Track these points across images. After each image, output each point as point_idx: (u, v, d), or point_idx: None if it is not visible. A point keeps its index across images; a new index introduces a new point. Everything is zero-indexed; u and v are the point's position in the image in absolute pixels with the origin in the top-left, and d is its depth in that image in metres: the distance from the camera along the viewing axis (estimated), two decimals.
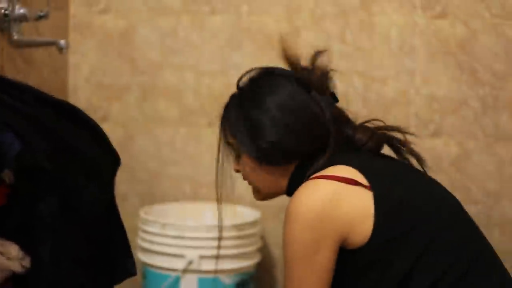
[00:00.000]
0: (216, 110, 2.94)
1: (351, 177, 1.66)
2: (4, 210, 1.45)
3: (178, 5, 3.02)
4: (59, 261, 1.44)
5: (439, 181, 1.79)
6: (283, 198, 1.84)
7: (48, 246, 1.43)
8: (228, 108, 1.84)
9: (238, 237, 2.65)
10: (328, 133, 1.73)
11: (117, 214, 1.59)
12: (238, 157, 1.82)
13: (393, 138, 1.80)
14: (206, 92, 3.00)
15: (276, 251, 2.99)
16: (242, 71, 2.93)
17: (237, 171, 1.85)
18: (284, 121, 1.72)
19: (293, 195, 1.68)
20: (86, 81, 3.10)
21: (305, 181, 1.69)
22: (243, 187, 2.94)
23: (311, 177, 1.69)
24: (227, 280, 2.64)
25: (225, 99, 2.95)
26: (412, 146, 1.80)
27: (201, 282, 2.62)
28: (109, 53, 3.08)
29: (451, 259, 1.65)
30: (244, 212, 2.84)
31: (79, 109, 1.55)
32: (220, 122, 1.85)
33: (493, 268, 1.72)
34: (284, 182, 1.77)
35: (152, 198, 3.07)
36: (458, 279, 1.64)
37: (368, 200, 1.64)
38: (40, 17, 2.39)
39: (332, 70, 1.84)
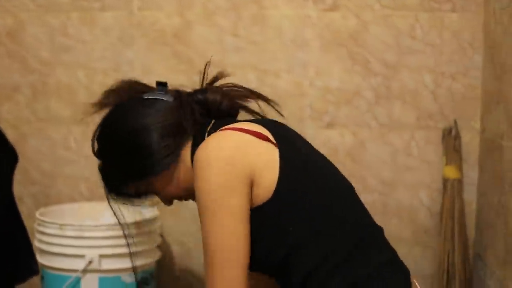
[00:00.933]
0: None
1: (259, 131, 1.66)
2: None
3: (67, 1, 2.96)
4: None
5: None
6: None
7: None
8: (104, 173, 1.83)
9: (138, 235, 2.61)
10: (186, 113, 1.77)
11: (17, 213, 1.55)
12: (150, 193, 1.83)
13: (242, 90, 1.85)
14: (99, 89, 2.93)
15: (176, 248, 2.97)
16: (135, 66, 2.92)
17: (168, 201, 1.84)
18: (146, 133, 1.74)
19: (201, 145, 1.65)
20: None
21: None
22: None
23: (219, 130, 1.69)
24: (128, 278, 2.60)
25: None
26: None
27: (102, 281, 2.57)
28: None
29: (343, 236, 1.65)
30: (142, 210, 2.81)
31: None
32: (109, 192, 1.84)
33: (384, 247, 1.73)
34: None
35: (47, 199, 3.00)
36: (349, 253, 1.65)
37: (275, 155, 1.64)
38: None
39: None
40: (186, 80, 2.87)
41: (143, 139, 1.73)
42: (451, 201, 2.82)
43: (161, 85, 1.84)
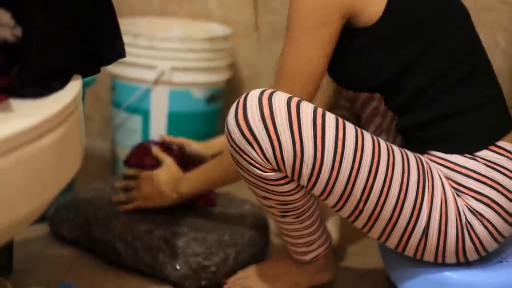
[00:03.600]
0: None
1: None
2: None
3: None
4: (50, 38, 1.38)
5: None
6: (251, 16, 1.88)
7: (40, 21, 1.36)
8: None
9: (210, 51, 2.59)
10: None
11: None
12: None
13: None
14: None
15: (245, 70, 2.95)
16: None
17: None
18: None
19: None
20: None
21: None
22: (213, 4, 2.89)
23: None
24: (198, 93, 2.60)
25: None
26: None
27: (172, 94, 2.57)
28: None
29: (453, 62, 1.68)
30: (215, 28, 2.79)
31: None
32: None
33: (490, 80, 1.76)
34: None
35: (119, 12, 2.92)
36: (458, 81, 1.68)
37: None
38: None
39: None
40: None
41: None
42: None
43: None
